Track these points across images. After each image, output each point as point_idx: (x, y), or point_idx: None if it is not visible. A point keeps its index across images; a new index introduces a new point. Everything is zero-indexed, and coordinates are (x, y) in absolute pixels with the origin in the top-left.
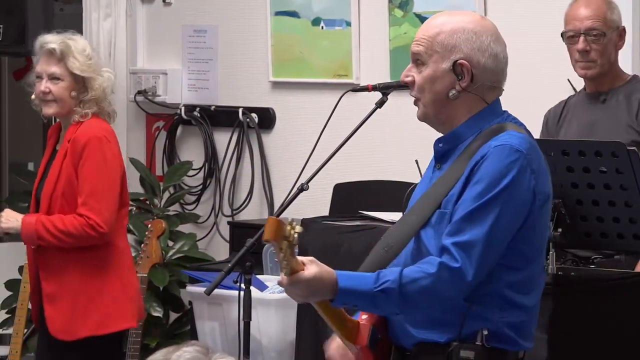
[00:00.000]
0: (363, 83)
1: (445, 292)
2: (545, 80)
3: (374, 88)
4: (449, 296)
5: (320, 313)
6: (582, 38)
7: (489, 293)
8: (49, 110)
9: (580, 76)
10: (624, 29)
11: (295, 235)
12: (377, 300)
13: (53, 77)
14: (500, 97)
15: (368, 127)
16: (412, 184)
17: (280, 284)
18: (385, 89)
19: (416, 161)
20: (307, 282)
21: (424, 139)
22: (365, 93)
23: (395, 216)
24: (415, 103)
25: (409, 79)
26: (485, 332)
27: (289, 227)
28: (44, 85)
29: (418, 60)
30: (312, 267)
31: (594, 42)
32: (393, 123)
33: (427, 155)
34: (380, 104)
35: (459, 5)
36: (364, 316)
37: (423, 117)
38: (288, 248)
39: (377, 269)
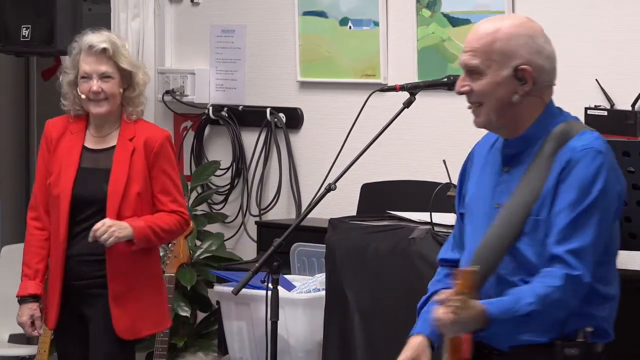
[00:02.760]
0: (391, 83)
1: (572, 301)
2: (573, 80)
3: (402, 88)
4: (574, 304)
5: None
6: None
7: (587, 292)
8: (101, 109)
9: None
10: None
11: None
12: (521, 323)
13: (104, 76)
14: None
15: (396, 127)
16: (440, 183)
17: (446, 300)
18: (413, 89)
19: (444, 161)
20: (475, 315)
21: (452, 138)
22: (393, 93)
23: (424, 216)
24: (474, 111)
25: (466, 88)
26: (590, 329)
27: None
28: (95, 85)
29: (473, 72)
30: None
31: None
32: (421, 123)
33: (455, 155)
34: (408, 104)
35: (486, 4)
36: None
37: (485, 124)
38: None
39: None
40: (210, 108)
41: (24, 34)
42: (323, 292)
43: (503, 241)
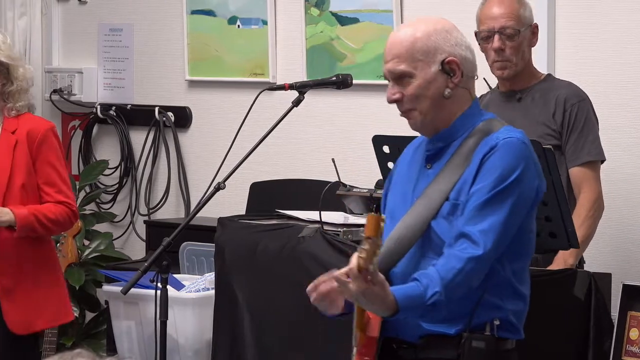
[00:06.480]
0: (279, 82)
1: (474, 282)
2: None
3: (291, 87)
4: (475, 284)
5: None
6: (496, 37)
7: (499, 282)
8: None
9: (497, 77)
10: (536, 26)
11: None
12: (426, 312)
13: None
14: None
15: (285, 126)
16: (329, 182)
17: (358, 269)
18: (301, 88)
19: (333, 160)
20: (382, 289)
21: (341, 137)
22: (282, 92)
23: (313, 215)
24: (409, 115)
25: (397, 96)
26: (497, 322)
27: (382, 225)
28: None
29: (401, 78)
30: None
31: (509, 40)
32: (310, 122)
33: (344, 154)
34: (296, 102)
35: (374, 3)
36: None
37: (421, 125)
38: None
39: (389, 261)
40: (98, 107)
41: None
42: (212, 292)
43: (420, 222)
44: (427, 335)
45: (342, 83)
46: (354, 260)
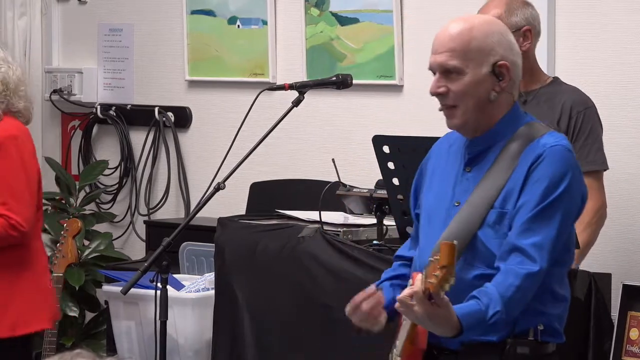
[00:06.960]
0: (279, 82)
1: (530, 295)
2: None
3: (291, 87)
4: (530, 297)
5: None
6: None
7: (543, 289)
8: None
9: None
10: (528, 30)
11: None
12: (486, 330)
13: None
14: (418, 96)
15: (285, 126)
16: (329, 182)
17: (424, 292)
18: (301, 88)
19: (333, 160)
20: (447, 310)
21: (341, 138)
22: (282, 92)
23: (312, 215)
24: (450, 113)
25: (442, 89)
26: (541, 328)
27: (456, 252)
28: None
29: (450, 72)
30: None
31: None
32: (310, 122)
33: (343, 154)
34: (296, 102)
35: (374, 3)
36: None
37: (462, 124)
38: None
39: None
40: (98, 107)
41: None
42: (212, 292)
43: (466, 232)
44: (469, 343)
45: (342, 83)
46: (418, 282)
